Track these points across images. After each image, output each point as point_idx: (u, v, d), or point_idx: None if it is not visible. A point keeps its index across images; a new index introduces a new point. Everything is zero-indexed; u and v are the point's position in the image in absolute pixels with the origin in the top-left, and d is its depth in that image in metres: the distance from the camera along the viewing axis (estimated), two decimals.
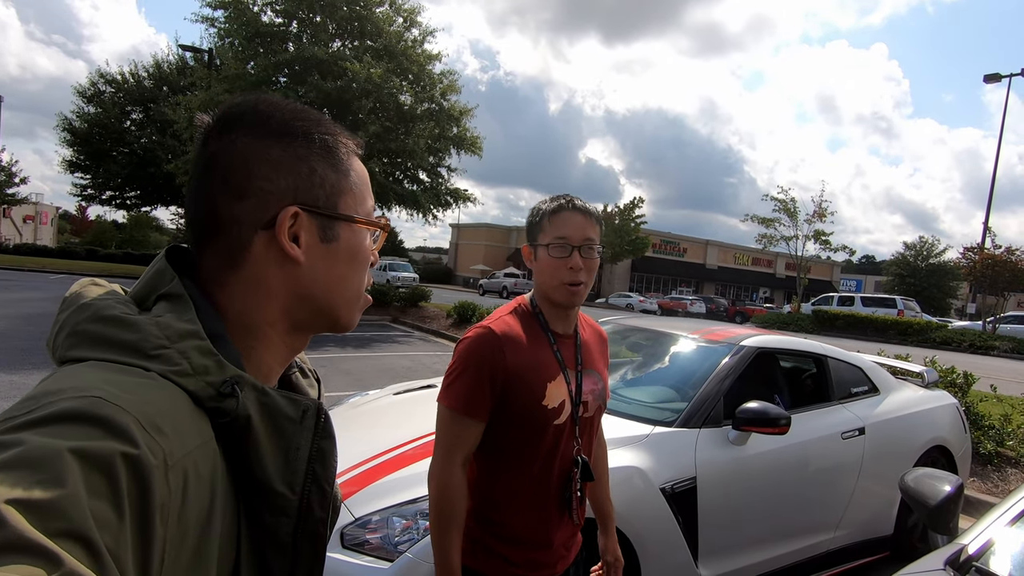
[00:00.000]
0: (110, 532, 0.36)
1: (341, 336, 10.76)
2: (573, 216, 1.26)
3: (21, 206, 35.54)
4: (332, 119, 0.63)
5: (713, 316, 29.57)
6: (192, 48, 15.45)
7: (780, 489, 2.66)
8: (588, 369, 1.34)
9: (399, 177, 15.38)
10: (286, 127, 0.56)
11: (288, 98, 0.63)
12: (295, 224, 0.56)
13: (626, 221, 35.41)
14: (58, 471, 0.35)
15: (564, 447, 1.27)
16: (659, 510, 2.18)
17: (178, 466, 0.42)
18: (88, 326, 0.47)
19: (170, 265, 0.54)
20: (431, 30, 15.61)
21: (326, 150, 0.59)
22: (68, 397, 0.39)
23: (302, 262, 0.56)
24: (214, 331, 0.51)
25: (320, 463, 0.54)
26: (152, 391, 0.44)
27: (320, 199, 0.57)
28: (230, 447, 0.49)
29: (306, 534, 0.54)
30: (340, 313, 0.61)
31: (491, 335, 1.23)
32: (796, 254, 26.30)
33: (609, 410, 2.53)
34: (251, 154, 0.55)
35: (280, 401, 0.52)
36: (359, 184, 0.62)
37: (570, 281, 1.24)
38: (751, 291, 51.02)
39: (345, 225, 0.60)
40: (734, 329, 3.29)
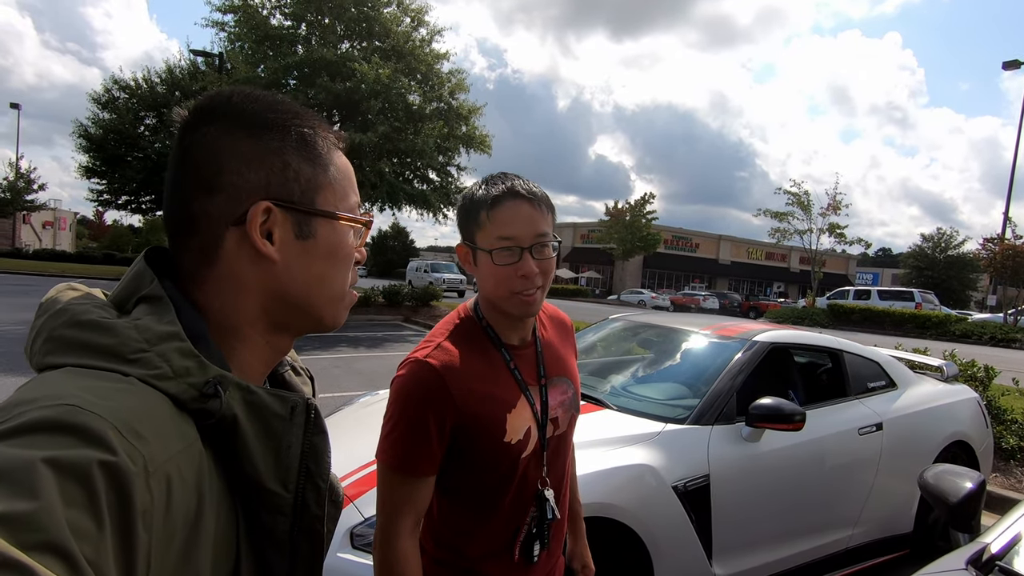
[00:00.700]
0: (89, 542, 0.35)
1: (353, 336, 10.83)
2: (518, 208, 0.99)
3: (40, 212, 36.21)
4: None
5: (726, 312, 29.31)
6: (203, 53, 15.60)
7: (796, 486, 2.62)
8: (555, 377, 1.13)
9: (409, 177, 15.42)
10: (259, 119, 0.55)
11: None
12: (268, 220, 0.54)
13: (637, 217, 35.21)
14: (32, 482, 0.34)
15: (532, 477, 1.07)
16: (671, 508, 2.15)
17: (160, 471, 0.41)
18: (64, 331, 0.46)
19: (150, 267, 0.53)
20: (439, 29, 15.63)
21: (303, 143, 0.56)
22: (42, 406, 0.38)
23: (277, 260, 0.55)
24: (195, 332, 0.50)
25: (313, 460, 0.53)
26: (131, 396, 0.43)
27: (295, 194, 0.55)
28: (220, 448, 0.48)
29: (303, 532, 0.53)
30: (323, 312, 0.59)
31: (429, 371, 0.98)
32: (810, 248, 25.98)
33: (619, 407, 2.52)
34: (222, 148, 0.53)
35: (267, 399, 0.51)
36: (340, 179, 0.59)
37: (523, 290, 1.00)
38: (765, 286, 50.54)
39: (323, 221, 0.57)
40: (747, 324, 3.24)
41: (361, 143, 13.07)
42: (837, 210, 25.03)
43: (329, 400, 5.53)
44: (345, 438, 2.41)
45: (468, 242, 1.05)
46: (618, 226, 35.44)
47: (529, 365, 1.10)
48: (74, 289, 0.52)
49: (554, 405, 1.10)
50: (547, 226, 1.02)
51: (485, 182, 1.05)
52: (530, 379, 1.09)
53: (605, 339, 3.58)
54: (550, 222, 1.04)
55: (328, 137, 0.60)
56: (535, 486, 1.08)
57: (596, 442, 2.20)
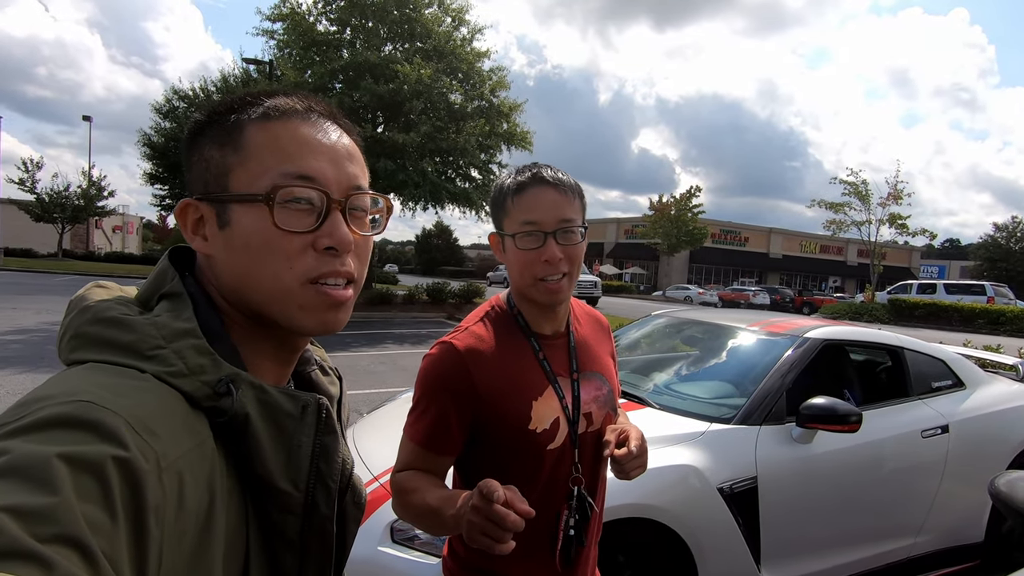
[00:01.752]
0: (104, 535, 0.35)
1: (398, 333, 11.05)
2: (542, 193, 0.99)
3: (110, 217, 38.67)
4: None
5: (778, 307, 28.27)
6: (255, 61, 16.22)
7: (852, 491, 2.48)
8: (588, 372, 1.10)
9: (451, 175, 15.57)
10: (200, 123, 0.55)
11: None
12: (199, 217, 0.53)
13: (683, 211, 34.40)
14: (48, 477, 0.34)
15: (563, 474, 1.04)
16: (717, 511, 2.08)
17: (172, 468, 0.41)
18: (88, 328, 0.48)
19: (172, 264, 0.54)
20: (479, 28, 15.71)
21: (217, 128, 0.53)
22: (59, 402, 0.39)
23: (212, 255, 0.53)
24: (211, 328, 0.51)
25: (324, 459, 0.53)
26: (146, 393, 0.43)
27: (210, 184, 0.52)
28: (232, 446, 0.48)
29: (313, 531, 0.53)
30: (271, 311, 0.53)
31: (451, 353, 1.00)
32: (869, 240, 24.69)
33: (663, 406, 2.46)
34: (186, 161, 0.56)
35: (279, 397, 0.51)
36: (261, 154, 0.52)
37: (546, 276, 0.99)
38: (820, 280, 48.46)
39: (236, 207, 0.51)
40: (798, 320, 3.10)
41: (404, 143, 13.29)
42: (898, 199, 23.68)
43: (374, 396, 5.65)
44: (386, 433, 2.45)
45: (499, 230, 1.06)
46: (663, 220, 34.72)
47: (560, 357, 1.08)
48: (102, 287, 0.53)
49: (587, 400, 1.07)
50: (573, 212, 1.01)
51: (516, 171, 1.06)
52: (561, 371, 1.07)
53: (648, 336, 3.50)
54: (577, 209, 1.02)
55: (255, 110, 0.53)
56: (565, 484, 1.05)
57: None
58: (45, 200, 29.29)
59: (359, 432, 2.62)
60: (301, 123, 0.54)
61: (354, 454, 2.33)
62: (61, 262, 28.53)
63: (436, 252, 59.55)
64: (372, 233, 0.58)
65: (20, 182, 28.79)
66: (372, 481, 2.05)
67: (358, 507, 0.64)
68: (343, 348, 8.91)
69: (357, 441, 2.47)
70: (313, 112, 0.55)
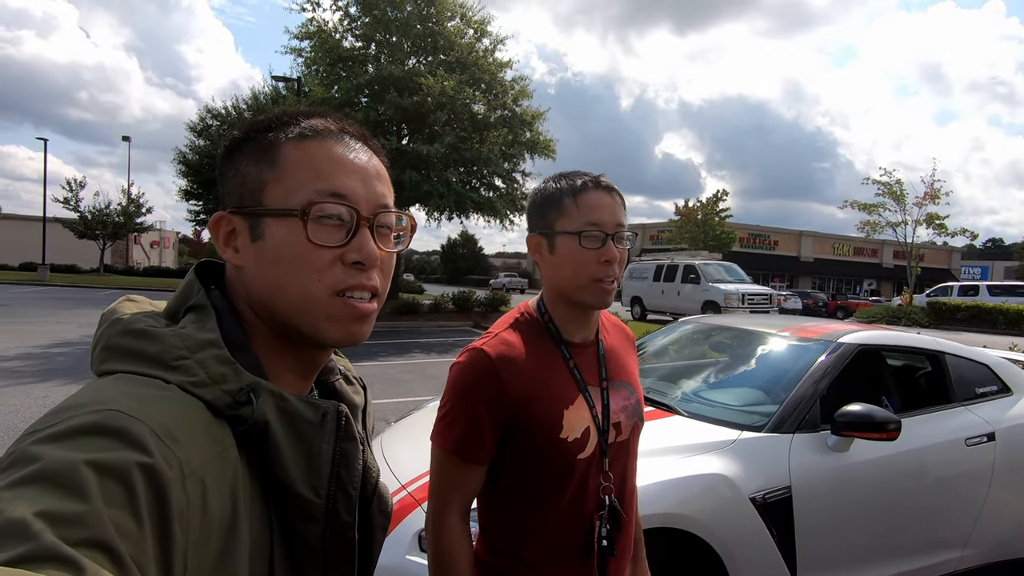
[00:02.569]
0: (131, 540, 0.37)
1: (425, 342, 11.13)
2: (603, 197, 1.02)
3: (148, 233, 40.04)
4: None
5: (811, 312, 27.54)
6: (283, 78, 16.68)
7: (892, 501, 2.40)
8: (617, 381, 1.11)
9: (475, 185, 15.70)
10: (236, 140, 0.58)
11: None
12: (232, 230, 0.55)
13: (710, 216, 33.91)
14: (77, 483, 0.36)
15: (594, 485, 1.04)
16: (749, 521, 2.03)
17: (195, 475, 0.43)
18: (118, 340, 0.50)
19: (198, 278, 0.56)
20: (501, 38, 15.87)
21: (253, 145, 0.56)
22: (88, 411, 0.41)
23: (243, 266, 0.55)
24: (234, 339, 0.52)
25: (344, 467, 0.54)
26: (170, 403, 0.45)
27: (244, 198, 0.55)
28: (254, 454, 0.50)
29: (335, 538, 0.53)
30: (297, 322, 0.54)
31: (483, 359, 1.00)
32: (905, 241, 23.92)
33: (691, 414, 2.42)
34: (218, 171, 0.59)
35: (299, 405, 0.52)
36: (296, 171, 0.54)
37: (603, 276, 1.01)
38: (854, 284, 47.10)
39: (270, 220, 0.54)
40: (831, 325, 3.02)
41: (429, 154, 13.47)
42: (935, 199, 22.89)
43: (402, 405, 5.70)
44: (413, 442, 2.47)
45: (546, 230, 1.05)
46: (689, 225, 34.28)
47: (590, 365, 1.08)
48: (132, 301, 0.55)
49: (616, 409, 1.07)
50: (624, 219, 1.05)
51: (563, 176, 1.07)
52: (591, 380, 1.07)
53: (675, 343, 3.45)
54: (626, 217, 1.07)
55: (289, 130, 0.56)
56: (595, 495, 1.04)
57: (666, 450, 2.12)
58: (88, 218, 30.52)
59: (387, 441, 2.64)
60: (335, 143, 0.56)
61: (381, 462, 2.35)
62: (103, 277, 29.65)
63: (461, 261, 59.91)
64: (396, 249, 0.60)
65: (65, 201, 30.08)
66: (400, 490, 2.06)
67: (384, 515, 0.64)
68: (371, 357, 9.01)
69: (385, 449, 2.49)
70: (346, 133, 0.58)
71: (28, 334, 9.73)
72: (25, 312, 13.43)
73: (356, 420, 0.66)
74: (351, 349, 1.23)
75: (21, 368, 7.00)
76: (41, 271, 25.95)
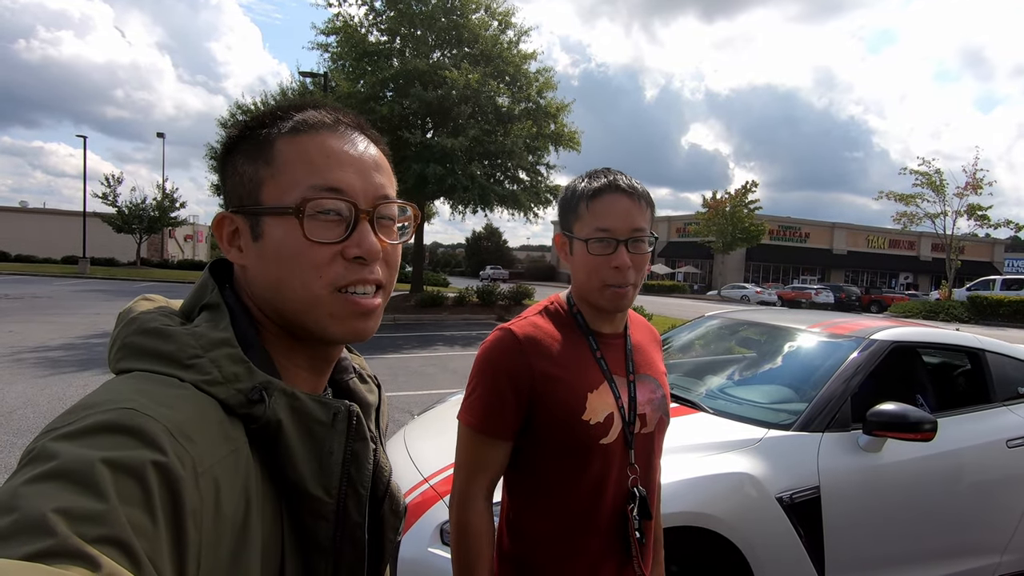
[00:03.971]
0: (146, 537, 0.37)
1: (449, 335, 11.21)
2: (617, 200, 1.01)
3: (182, 227, 41.16)
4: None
5: (843, 307, 26.82)
6: (310, 74, 16.85)
7: (927, 504, 2.32)
8: (643, 374, 1.11)
9: (499, 178, 15.67)
10: (233, 138, 0.57)
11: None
12: (235, 230, 0.55)
13: (738, 208, 33.25)
14: (94, 481, 0.36)
15: (618, 474, 1.04)
16: (775, 521, 1.99)
17: (208, 473, 0.43)
18: (133, 339, 0.50)
19: (213, 277, 0.56)
20: (525, 30, 15.76)
21: (249, 143, 0.55)
22: (104, 410, 0.41)
23: (246, 266, 0.55)
24: (247, 338, 0.53)
25: (355, 466, 0.54)
26: (184, 401, 0.45)
27: (244, 198, 0.54)
28: (267, 453, 0.50)
29: (346, 538, 0.53)
30: (303, 320, 0.54)
31: (510, 338, 1.02)
32: (945, 233, 23.06)
33: (716, 411, 2.37)
34: (219, 177, 0.59)
35: (310, 404, 0.52)
36: (292, 167, 0.53)
37: (615, 283, 1.01)
38: (889, 277, 45.73)
39: (269, 219, 0.53)
40: (863, 320, 2.93)
41: (453, 147, 13.49)
42: (978, 189, 22.01)
43: (425, 397, 5.75)
44: (436, 435, 2.48)
45: (567, 232, 1.08)
46: (717, 218, 33.69)
47: (617, 357, 1.09)
48: (148, 300, 0.56)
49: (642, 401, 1.08)
50: (644, 222, 1.03)
51: (589, 175, 1.07)
52: (617, 371, 1.08)
53: (701, 338, 3.39)
54: (648, 218, 1.04)
55: (284, 124, 0.55)
56: (619, 485, 1.04)
57: (690, 447, 2.09)
58: (125, 212, 31.52)
59: (410, 433, 2.66)
60: (329, 135, 0.55)
61: (404, 455, 2.37)
62: (139, 270, 30.62)
63: (486, 254, 60.06)
64: (400, 241, 0.59)
65: (103, 196, 31.12)
66: (422, 483, 2.07)
67: (396, 515, 0.64)
68: (395, 350, 9.12)
69: (408, 442, 2.51)
70: (341, 124, 0.56)
71: (70, 326, 10.13)
72: (68, 304, 13.97)
73: (370, 419, 0.66)
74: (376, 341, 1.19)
75: (63, 358, 7.29)
76: (82, 264, 26.93)
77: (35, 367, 6.67)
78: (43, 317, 11.17)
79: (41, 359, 7.15)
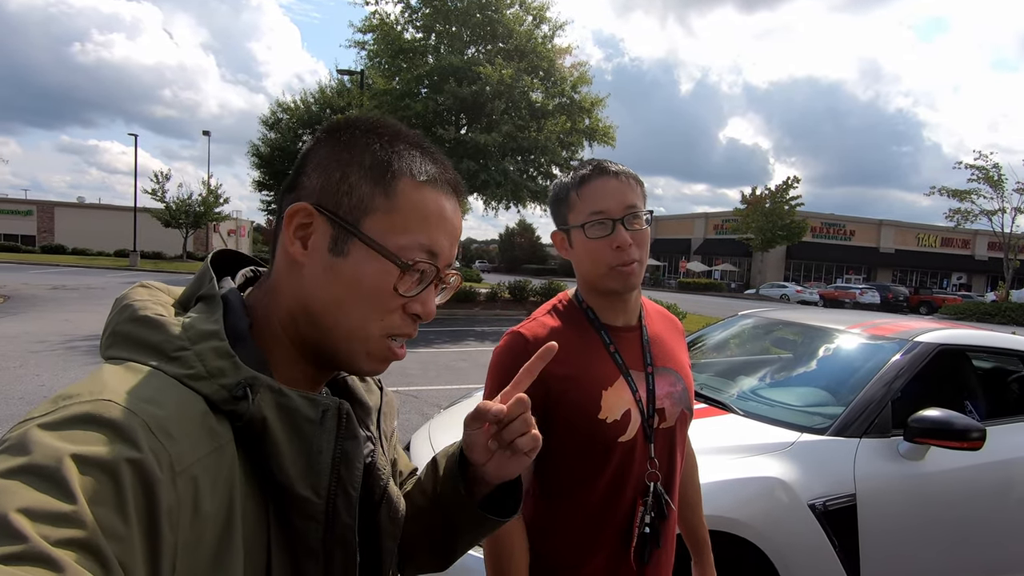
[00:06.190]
0: (116, 539, 0.36)
1: (480, 331, 11.25)
2: (606, 183, 1.01)
3: (226, 222, 42.59)
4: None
5: (890, 307, 25.74)
6: (348, 72, 17.16)
7: (972, 517, 2.19)
8: (662, 368, 1.09)
9: (532, 174, 15.64)
10: (346, 135, 0.56)
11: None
12: (310, 224, 0.53)
13: (779, 204, 32.24)
14: (63, 478, 0.35)
15: (638, 470, 1.02)
16: (807, 528, 1.91)
17: (187, 472, 0.41)
18: (124, 327, 0.49)
19: (212, 268, 0.55)
20: (560, 24, 15.65)
21: (374, 163, 0.54)
22: (82, 400, 0.40)
23: (303, 263, 0.53)
24: (238, 331, 0.51)
25: (345, 466, 0.52)
26: (166, 395, 0.44)
27: (342, 207, 0.53)
28: (252, 451, 0.48)
29: (336, 540, 0.52)
30: (338, 345, 0.54)
31: (519, 340, 1.02)
32: (1002, 231, 21.84)
33: (747, 413, 2.30)
34: (309, 155, 0.56)
35: (298, 402, 0.50)
36: (407, 214, 0.54)
37: (620, 263, 1.00)
38: (940, 277, 43.65)
39: (361, 245, 0.53)
40: (908, 322, 2.79)
41: (486, 143, 13.52)
42: None
43: (454, 391, 5.79)
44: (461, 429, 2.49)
45: (562, 227, 1.08)
46: (756, 214, 32.75)
47: (633, 350, 1.07)
48: (145, 287, 0.55)
49: (660, 395, 1.06)
50: (636, 198, 1.03)
51: (574, 169, 1.09)
52: (634, 364, 1.06)
53: (735, 337, 3.30)
54: (639, 195, 1.04)
55: (421, 171, 0.55)
56: (639, 480, 1.02)
57: (719, 449, 2.03)
58: (172, 208, 32.79)
59: (435, 427, 2.67)
60: (442, 194, 0.57)
61: (429, 449, 2.38)
62: (185, 263, 31.88)
63: (519, 250, 60.06)
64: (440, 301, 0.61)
65: (152, 192, 32.45)
66: None
67: (394, 523, 0.62)
68: (426, 344, 9.21)
69: (433, 435, 2.52)
70: (451, 185, 0.58)
71: None
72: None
73: (370, 420, 0.64)
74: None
75: None
76: (132, 257, 28.21)
77: (87, 355, 7.01)
78: (96, 307, 11.73)
79: (92, 347, 7.50)
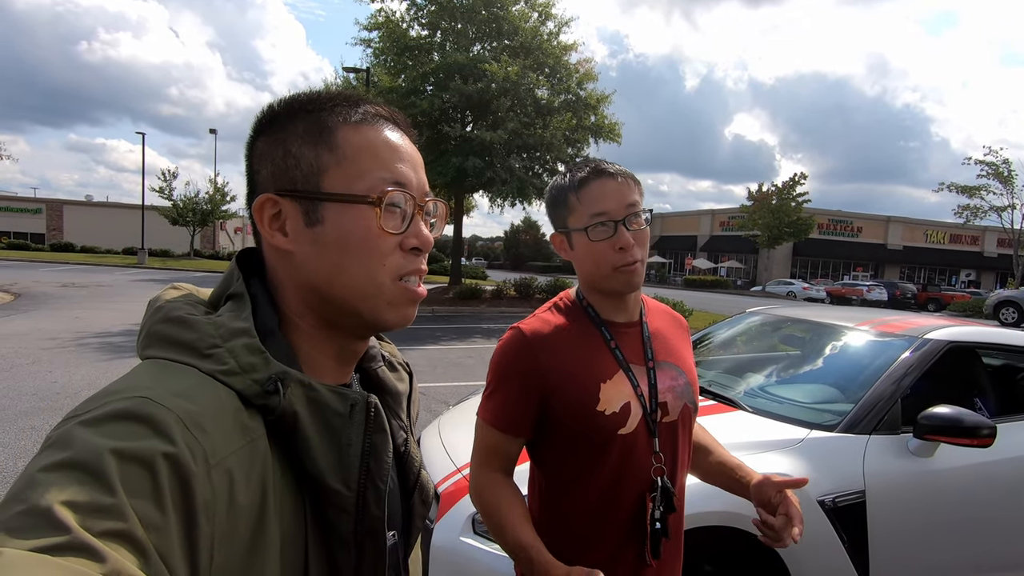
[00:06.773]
0: (155, 529, 0.37)
1: (487, 328, 11.27)
2: (605, 183, 1.02)
3: (232, 220, 42.80)
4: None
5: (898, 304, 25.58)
6: (353, 69, 17.17)
7: (983, 515, 2.19)
8: (663, 362, 1.09)
9: (538, 171, 15.62)
10: (274, 116, 0.56)
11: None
12: (279, 212, 0.54)
13: (785, 201, 32.08)
14: (104, 472, 0.37)
15: (639, 464, 1.02)
16: (816, 524, 1.92)
17: (221, 465, 0.43)
18: (158, 327, 0.51)
19: (239, 267, 0.56)
20: (566, 20, 15.61)
21: (309, 126, 0.54)
22: (121, 397, 0.42)
23: (291, 249, 0.53)
24: (267, 327, 0.52)
25: (374, 459, 0.53)
26: (200, 391, 0.45)
27: (297, 181, 0.53)
28: (285, 444, 0.49)
29: (367, 531, 0.53)
30: (359, 307, 0.54)
31: (519, 337, 1.04)
32: (1012, 227, 21.65)
33: (756, 410, 2.31)
34: (250, 154, 0.57)
35: (327, 395, 0.51)
36: (357, 157, 0.54)
37: (623, 263, 1.01)
38: (949, 274, 43.31)
39: (330, 205, 0.53)
40: (917, 319, 2.78)
41: (492, 140, 13.51)
42: None
43: (462, 388, 5.81)
44: (469, 425, 2.49)
45: (561, 229, 1.08)
46: (763, 211, 32.60)
47: (634, 346, 1.08)
48: (176, 288, 0.57)
49: (662, 389, 1.06)
50: (636, 197, 1.04)
51: (568, 170, 1.09)
52: (634, 359, 1.07)
53: (742, 335, 3.30)
54: (638, 194, 1.05)
55: (351, 111, 0.55)
56: (644, 475, 1.03)
57: (728, 446, 1.97)
58: (179, 206, 32.96)
59: (444, 423, 2.69)
60: (386, 128, 0.56)
61: (438, 445, 2.40)
62: (192, 261, 32.03)
63: (524, 248, 60.03)
64: (436, 234, 0.61)
65: (160, 190, 32.62)
66: (455, 472, 2.10)
67: (424, 505, 0.64)
68: (433, 341, 9.24)
69: (442, 432, 2.54)
70: (386, 118, 0.58)
71: (130, 312, 10.69)
72: (128, 292, 14.76)
73: (400, 407, 0.66)
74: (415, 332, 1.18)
75: (124, 344, 7.71)
76: (140, 255, 28.37)
77: (98, 351, 7.08)
78: (106, 304, 11.84)
79: (104, 344, 7.59)
